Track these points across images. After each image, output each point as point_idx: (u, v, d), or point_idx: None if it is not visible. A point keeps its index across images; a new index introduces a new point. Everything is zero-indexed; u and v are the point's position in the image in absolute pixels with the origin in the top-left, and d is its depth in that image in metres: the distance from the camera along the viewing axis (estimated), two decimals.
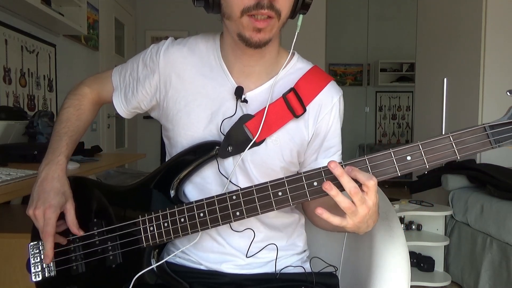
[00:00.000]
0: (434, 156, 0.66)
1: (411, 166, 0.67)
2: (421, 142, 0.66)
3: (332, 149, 0.88)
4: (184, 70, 0.86)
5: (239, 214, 0.74)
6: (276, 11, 0.74)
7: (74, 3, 2.54)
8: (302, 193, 0.70)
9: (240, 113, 0.83)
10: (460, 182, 2.60)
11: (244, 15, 0.74)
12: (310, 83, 0.85)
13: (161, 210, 0.80)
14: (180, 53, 0.87)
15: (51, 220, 0.79)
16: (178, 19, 4.32)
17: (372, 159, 0.68)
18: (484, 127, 0.64)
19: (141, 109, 0.93)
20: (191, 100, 0.85)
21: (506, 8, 2.71)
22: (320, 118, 0.86)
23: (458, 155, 0.65)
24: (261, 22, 0.73)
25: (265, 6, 0.72)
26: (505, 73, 2.73)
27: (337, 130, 0.88)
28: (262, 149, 0.83)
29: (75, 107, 0.94)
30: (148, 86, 0.88)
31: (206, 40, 0.89)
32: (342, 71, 6.20)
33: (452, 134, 0.65)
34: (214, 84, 0.85)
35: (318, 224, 0.90)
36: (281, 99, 0.82)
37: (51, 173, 0.83)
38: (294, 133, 0.84)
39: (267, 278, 0.87)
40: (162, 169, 0.85)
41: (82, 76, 1.01)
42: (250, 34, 0.75)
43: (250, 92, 0.84)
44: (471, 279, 2.32)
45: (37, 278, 0.83)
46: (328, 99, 0.87)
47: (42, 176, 0.83)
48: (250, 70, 0.85)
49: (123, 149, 4.10)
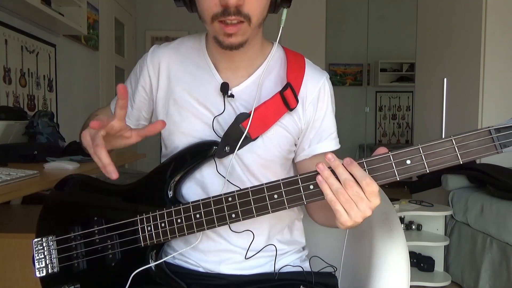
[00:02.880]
0: (435, 160, 0.62)
1: (410, 170, 0.63)
2: (421, 145, 0.63)
3: (325, 132, 0.88)
4: (170, 70, 0.88)
5: (234, 216, 0.74)
6: (245, 16, 0.74)
7: (74, 3, 2.53)
8: (298, 196, 0.69)
9: (229, 109, 0.84)
10: (460, 182, 2.60)
11: (215, 21, 0.75)
12: (294, 71, 0.86)
13: (159, 210, 0.80)
14: (165, 53, 0.90)
15: (98, 133, 0.69)
16: (178, 19, 4.32)
17: (370, 162, 0.65)
18: (489, 130, 0.61)
19: (144, 118, 0.95)
20: (178, 97, 0.86)
21: (506, 8, 2.71)
22: (307, 104, 0.86)
23: (461, 160, 0.62)
24: (230, 27, 0.74)
25: (231, 13, 0.73)
26: (505, 73, 2.73)
27: (328, 113, 0.88)
28: (259, 145, 0.84)
29: (94, 115, 0.95)
30: (142, 91, 0.91)
31: (192, 40, 0.92)
32: (342, 71, 6.20)
33: (454, 137, 0.62)
34: (201, 81, 0.86)
35: (318, 219, 0.91)
36: (277, 95, 0.82)
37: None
38: (288, 124, 0.85)
39: (266, 279, 0.87)
40: (161, 168, 0.86)
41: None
42: (222, 38, 0.77)
43: (237, 87, 0.85)
44: (471, 279, 2.32)
45: (41, 274, 0.85)
46: (314, 84, 0.87)
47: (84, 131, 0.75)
48: (235, 66, 0.86)
49: (123, 149, 4.10)
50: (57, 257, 0.85)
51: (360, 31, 5.97)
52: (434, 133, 3.27)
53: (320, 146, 0.88)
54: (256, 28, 0.79)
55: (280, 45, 0.91)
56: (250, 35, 0.79)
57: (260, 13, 0.77)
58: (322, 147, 0.88)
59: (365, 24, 5.96)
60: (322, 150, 0.88)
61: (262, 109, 0.81)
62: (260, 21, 0.79)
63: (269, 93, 0.84)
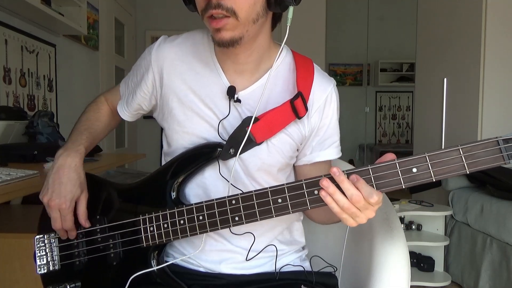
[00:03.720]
0: (441, 170, 0.62)
1: (416, 178, 0.63)
2: (428, 154, 0.63)
3: (328, 141, 0.87)
4: (176, 66, 0.86)
5: (238, 219, 0.73)
6: (228, 10, 0.71)
7: (74, 3, 2.53)
8: (302, 201, 0.69)
9: (234, 112, 0.83)
10: (460, 182, 2.60)
11: (205, 17, 0.75)
12: (304, 79, 0.84)
13: (161, 210, 0.79)
14: (171, 49, 0.87)
15: (68, 216, 0.81)
16: (178, 19, 4.31)
17: (376, 169, 0.65)
18: (497, 140, 0.60)
19: (144, 110, 0.94)
20: (183, 96, 0.85)
21: (506, 8, 2.71)
22: (313, 111, 0.85)
23: (468, 170, 0.61)
24: (216, 21, 0.73)
25: (212, 6, 0.72)
26: (505, 73, 2.73)
27: (333, 121, 0.87)
28: (263, 150, 0.83)
29: (94, 110, 0.97)
30: (145, 86, 0.89)
31: (200, 36, 0.89)
32: (342, 71, 6.20)
33: (462, 146, 0.61)
34: (207, 81, 0.84)
35: (315, 218, 0.90)
36: (287, 104, 0.80)
37: (69, 161, 0.82)
38: (292, 131, 0.84)
39: (267, 278, 0.87)
40: (164, 169, 0.85)
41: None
42: (214, 34, 0.76)
43: (243, 91, 0.84)
44: (471, 279, 2.32)
45: (42, 271, 0.85)
46: (321, 92, 0.85)
47: (59, 163, 0.82)
48: (241, 68, 0.84)
49: (123, 149, 4.10)
50: (59, 254, 0.85)
51: (360, 31, 5.96)
52: (434, 133, 3.27)
53: (323, 153, 0.87)
54: (250, 25, 0.75)
55: (290, 48, 0.89)
56: (243, 32, 0.75)
57: (248, 7, 0.73)
58: (324, 155, 0.87)
59: (365, 24, 5.96)
60: (324, 158, 0.87)
61: (271, 115, 0.80)
62: (253, 17, 0.75)
63: (277, 98, 0.83)
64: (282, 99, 0.82)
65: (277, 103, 0.81)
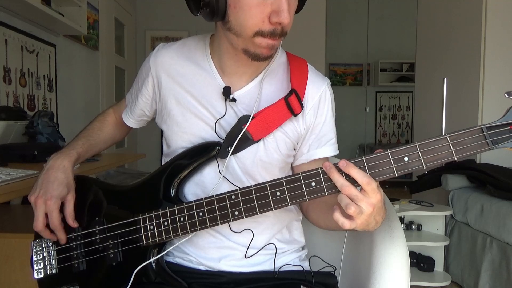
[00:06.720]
0: (431, 157, 0.66)
1: (408, 167, 0.67)
2: (418, 143, 0.66)
3: (324, 138, 0.89)
4: (173, 70, 0.89)
5: (237, 214, 0.74)
6: (285, 34, 0.77)
7: (74, 3, 2.53)
8: (300, 193, 0.71)
9: (231, 112, 0.85)
10: (460, 182, 2.60)
11: (257, 36, 0.75)
12: (298, 77, 0.86)
13: (161, 209, 0.80)
14: (168, 53, 0.91)
15: (54, 212, 0.81)
16: (178, 19, 4.31)
17: (370, 159, 0.68)
18: (481, 128, 0.64)
19: (147, 116, 0.99)
20: (181, 98, 0.87)
21: (506, 7, 2.71)
22: (308, 110, 0.86)
23: (456, 156, 0.65)
24: (274, 41, 0.77)
25: (277, 35, 0.75)
26: (505, 73, 2.73)
27: (328, 118, 0.89)
28: (260, 147, 0.84)
29: (99, 121, 1.02)
30: (146, 91, 0.93)
31: (195, 41, 0.92)
32: (342, 71, 6.20)
33: (449, 135, 0.65)
34: (203, 82, 0.87)
35: (317, 222, 0.91)
36: (282, 101, 0.82)
37: (58, 163, 0.85)
38: (288, 129, 0.86)
39: (266, 277, 0.87)
40: (164, 168, 0.86)
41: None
42: (261, 51, 0.77)
43: (238, 91, 0.86)
44: (471, 279, 2.32)
45: (39, 275, 0.84)
46: (315, 90, 0.87)
47: (49, 165, 0.85)
48: (242, 70, 0.86)
49: (123, 149, 4.10)
50: (56, 258, 0.85)
51: (360, 31, 5.96)
52: (434, 133, 3.27)
53: (319, 151, 0.89)
54: None
55: (284, 49, 0.92)
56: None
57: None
58: (321, 153, 0.89)
59: (365, 24, 5.96)
60: (321, 155, 0.89)
61: (266, 113, 0.82)
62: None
63: (272, 97, 0.85)
64: (277, 97, 0.84)
65: (272, 101, 0.83)
